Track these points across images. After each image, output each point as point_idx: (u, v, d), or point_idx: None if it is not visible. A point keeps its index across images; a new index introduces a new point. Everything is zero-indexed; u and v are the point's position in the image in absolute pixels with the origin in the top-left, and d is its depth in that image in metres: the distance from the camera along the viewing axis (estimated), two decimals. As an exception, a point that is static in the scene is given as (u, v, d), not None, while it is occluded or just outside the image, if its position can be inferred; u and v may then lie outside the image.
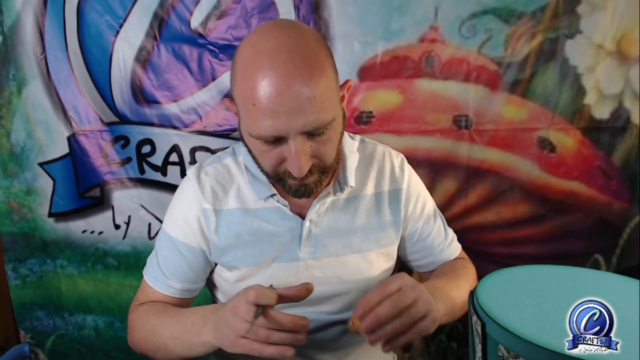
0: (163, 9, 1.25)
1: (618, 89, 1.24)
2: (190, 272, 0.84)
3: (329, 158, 0.73)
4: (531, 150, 1.29)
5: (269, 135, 0.67)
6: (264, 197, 0.80)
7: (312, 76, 0.65)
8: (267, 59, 0.65)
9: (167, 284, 0.83)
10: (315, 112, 0.66)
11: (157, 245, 0.86)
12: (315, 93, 0.65)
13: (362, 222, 0.84)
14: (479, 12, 1.21)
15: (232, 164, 0.85)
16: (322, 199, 0.81)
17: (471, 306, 0.61)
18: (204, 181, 0.82)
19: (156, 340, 0.77)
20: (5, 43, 1.29)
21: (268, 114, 0.65)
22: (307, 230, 0.81)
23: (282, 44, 0.66)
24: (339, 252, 0.83)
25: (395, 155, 0.91)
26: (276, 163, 0.71)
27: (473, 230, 1.34)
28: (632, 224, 1.32)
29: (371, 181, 0.86)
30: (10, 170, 1.38)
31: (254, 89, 0.65)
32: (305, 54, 0.66)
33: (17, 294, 1.46)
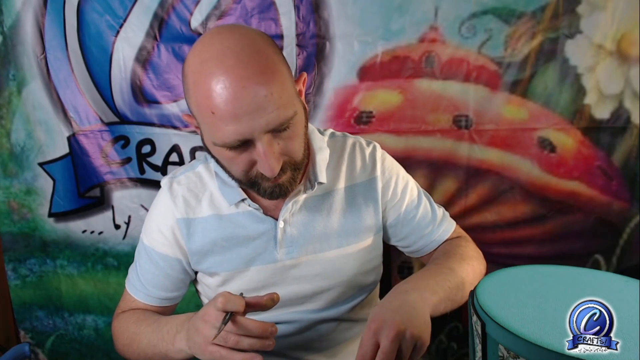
0: (163, 9, 1.25)
1: (618, 89, 1.24)
2: (167, 282, 0.85)
3: (298, 153, 0.73)
4: (531, 150, 1.29)
5: (234, 141, 0.66)
6: (234, 202, 0.80)
7: (264, 74, 0.64)
8: (216, 65, 0.64)
9: (145, 293, 0.85)
10: (276, 109, 0.65)
11: (136, 256, 0.88)
12: (271, 90, 0.64)
13: (338, 218, 0.84)
14: (479, 12, 1.21)
15: (204, 171, 0.84)
16: (294, 198, 0.80)
17: (471, 306, 0.61)
18: (177, 191, 0.83)
19: (136, 347, 0.79)
20: (5, 43, 1.29)
21: (229, 119, 0.64)
22: (281, 231, 0.81)
23: (227, 47, 0.65)
24: (317, 250, 0.83)
25: (365, 144, 0.89)
26: (246, 168, 0.70)
27: (473, 230, 1.33)
28: (632, 224, 1.32)
29: (343, 175, 0.85)
30: (10, 170, 1.38)
31: (209, 97, 0.64)
32: (254, 54, 0.65)
33: (17, 294, 1.46)
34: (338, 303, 0.86)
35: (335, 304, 0.86)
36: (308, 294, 0.84)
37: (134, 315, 0.84)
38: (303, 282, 0.83)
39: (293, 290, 0.83)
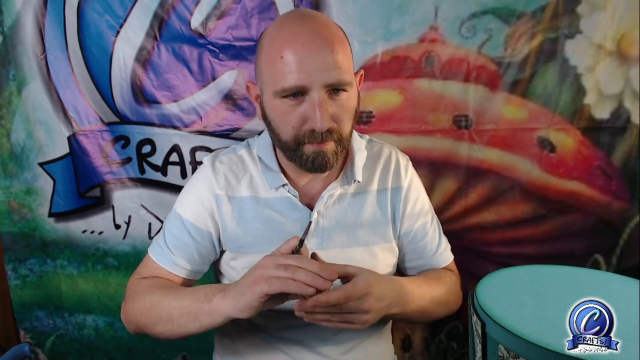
0: (163, 9, 1.25)
1: (618, 89, 1.24)
2: (195, 254, 0.86)
3: (346, 127, 0.77)
4: (531, 150, 1.29)
5: (294, 86, 0.72)
6: (275, 187, 0.83)
7: (334, 39, 0.73)
8: (295, 22, 0.74)
9: (173, 260, 0.85)
10: (338, 68, 0.72)
11: (166, 225, 0.89)
12: (338, 51, 0.73)
13: (368, 217, 0.87)
14: (479, 12, 1.21)
15: (246, 155, 0.89)
16: (330, 191, 0.84)
17: (471, 306, 0.61)
18: (219, 169, 0.87)
19: (160, 310, 0.78)
20: (5, 43, 1.29)
21: (294, 65, 0.71)
22: (314, 222, 0.84)
23: (308, 14, 0.77)
24: (345, 244, 0.85)
25: (401, 155, 0.95)
26: (298, 124, 0.75)
27: (473, 230, 1.34)
28: (632, 224, 1.32)
29: (377, 177, 0.89)
30: (10, 170, 1.37)
31: (282, 42, 0.73)
32: (329, 24, 0.75)
33: (17, 294, 1.46)
34: None
35: None
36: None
37: (160, 281, 0.84)
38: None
39: None
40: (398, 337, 1.43)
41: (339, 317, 0.70)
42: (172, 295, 0.78)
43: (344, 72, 0.73)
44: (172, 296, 0.78)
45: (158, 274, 0.87)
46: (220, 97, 1.30)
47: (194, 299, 0.75)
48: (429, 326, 1.42)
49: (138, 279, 0.87)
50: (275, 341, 0.88)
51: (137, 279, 0.88)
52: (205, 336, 1.50)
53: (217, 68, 1.28)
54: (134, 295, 0.84)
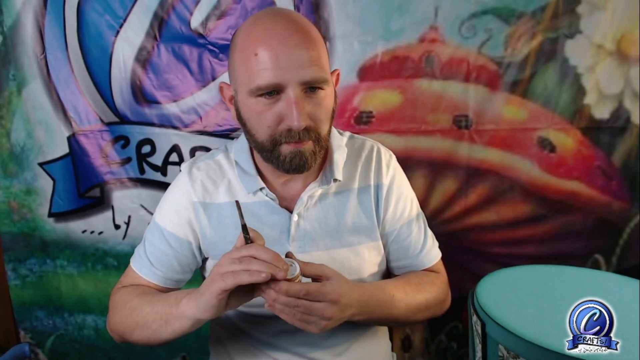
0: (163, 9, 1.25)
1: (618, 89, 1.24)
2: (175, 262, 0.85)
3: (324, 125, 0.76)
4: (531, 150, 1.29)
5: (269, 84, 0.70)
6: (252, 191, 0.82)
7: (309, 37, 0.72)
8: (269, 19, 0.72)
9: (152, 270, 0.85)
10: (314, 66, 0.71)
11: (146, 235, 0.88)
12: (313, 48, 0.71)
13: (352, 216, 0.85)
14: (479, 12, 1.21)
15: (224, 160, 0.87)
16: (309, 192, 0.82)
17: (471, 306, 0.61)
18: (196, 176, 0.85)
19: (136, 316, 0.78)
20: (5, 43, 1.29)
21: (269, 62, 0.69)
22: (295, 224, 0.82)
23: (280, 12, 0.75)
24: (329, 246, 0.84)
25: (384, 151, 0.91)
26: (274, 123, 0.73)
27: (473, 230, 1.34)
28: (632, 224, 1.32)
29: (358, 174, 0.87)
30: (10, 170, 1.37)
31: (256, 40, 0.71)
32: (303, 23, 0.74)
33: (17, 294, 1.46)
34: None
35: None
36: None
37: (139, 288, 0.84)
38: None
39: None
40: (398, 337, 1.43)
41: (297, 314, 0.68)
42: (148, 301, 0.78)
43: (320, 70, 0.72)
44: (148, 302, 0.78)
45: (138, 282, 0.86)
46: (220, 97, 1.30)
47: (165, 303, 0.74)
48: (429, 326, 1.42)
49: (118, 288, 0.88)
50: (265, 348, 0.87)
51: (117, 289, 0.88)
52: (205, 336, 1.50)
53: (217, 68, 1.28)
54: (115, 304, 0.84)
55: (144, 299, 0.79)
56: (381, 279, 0.92)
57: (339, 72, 0.84)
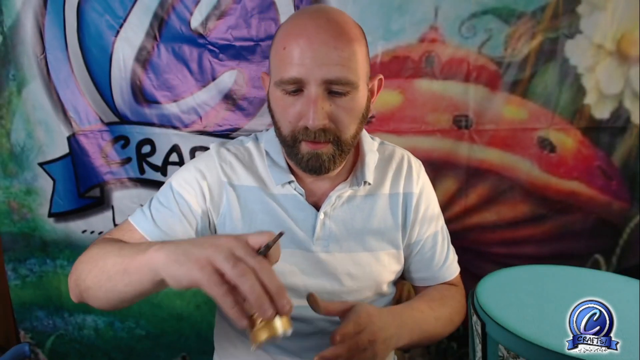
0: (163, 9, 1.25)
1: (618, 89, 1.24)
2: (177, 226, 0.78)
3: (347, 129, 0.73)
4: (531, 150, 1.29)
5: (291, 78, 0.69)
6: (281, 183, 0.80)
7: (342, 37, 0.70)
8: (307, 16, 0.72)
9: (152, 225, 0.77)
10: (340, 65, 0.69)
11: (155, 195, 0.84)
12: (343, 48, 0.69)
13: (378, 221, 0.84)
14: (479, 12, 1.21)
15: (253, 148, 0.86)
16: (338, 192, 0.81)
17: (471, 306, 0.61)
18: (225, 156, 0.83)
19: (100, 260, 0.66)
20: (5, 43, 1.29)
21: (295, 56, 0.69)
22: (321, 223, 0.80)
23: (322, 9, 0.75)
24: (352, 249, 0.82)
25: (414, 159, 0.91)
26: (294, 120, 0.72)
27: (473, 230, 1.34)
28: (632, 224, 1.32)
29: (388, 181, 0.86)
30: (10, 170, 1.37)
31: (287, 33, 0.71)
32: (342, 22, 0.72)
33: (17, 294, 1.46)
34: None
35: None
36: (336, 291, 0.83)
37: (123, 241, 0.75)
38: (332, 279, 0.82)
39: (321, 284, 0.82)
40: (398, 337, 1.43)
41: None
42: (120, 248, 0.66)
43: (346, 70, 0.69)
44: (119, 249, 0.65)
45: (129, 237, 0.78)
46: (220, 97, 1.30)
47: (132, 250, 0.61)
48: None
49: (103, 237, 0.79)
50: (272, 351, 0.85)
51: (102, 237, 0.79)
52: (205, 336, 1.50)
53: (217, 68, 1.28)
54: (89, 249, 0.74)
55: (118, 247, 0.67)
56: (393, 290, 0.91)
57: (381, 78, 0.81)
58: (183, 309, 1.40)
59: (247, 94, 1.29)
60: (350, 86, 0.71)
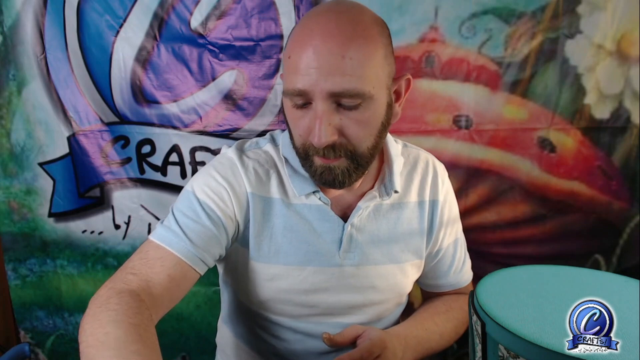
0: (163, 9, 1.25)
1: (618, 89, 1.24)
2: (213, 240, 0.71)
3: (361, 143, 0.67)
4: (531, 150, 1.29)
5: (296, 90, 0.64)
6: (305, 193, 0.74)
7: (353, 40, 0.62)
8: (315, 20, 0.65)
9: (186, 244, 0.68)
10: (349, 75, 0.62)
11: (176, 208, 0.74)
12: (353, 55, 0.62)
13: (404, 231, 0.80)
14: (479, 12, 1.21)
15: (273, 151, 0.79)
16: (367, 202, 0.76)
17: (471, 306, 0.61)
18: (248, 164, 0.76)
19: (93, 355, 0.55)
20: (5, 43, 1.29)
21: (300, 67, 0.63)
22: (348, 235, 0.76)
23: (335, 8, 0.66)
24: (378, 261, 0.78)
25: (438, 164, 0.86)
26: (304, 134, 0.67)
27: (473, 230, 1.34)
28: (632, 224, 1.32)
29: (414, 188, 0.81)
30: (10, 170, 1.37)
31: (294, 42, 0.65)
32: (355, 21, 0.64)
33: (17, 294, 1.46)
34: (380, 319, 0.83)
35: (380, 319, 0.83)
36: (358, 305, 0.80)
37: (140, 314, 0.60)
38: (355, 292, 0.79)
39: (344, 298, 0.79)
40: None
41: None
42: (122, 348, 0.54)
43: (356, 80, 0.62)
44: (117, 350, 0.54)
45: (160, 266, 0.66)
46: (220, 97, 1.30)
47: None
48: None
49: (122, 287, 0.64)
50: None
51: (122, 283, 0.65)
52: (205, 336, 1.50)
53: (217, 68, 1.28)
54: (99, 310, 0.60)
55: (120, 347, 0.54)
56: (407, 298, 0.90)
57: (409, 78, 0.74)
58: (183, 309, 1.40)
59: (247, 94, 1.29)
60: (362, 97, 0.64)
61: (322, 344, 0.75)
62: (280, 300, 0.78)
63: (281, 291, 0.77)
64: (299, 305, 0.78)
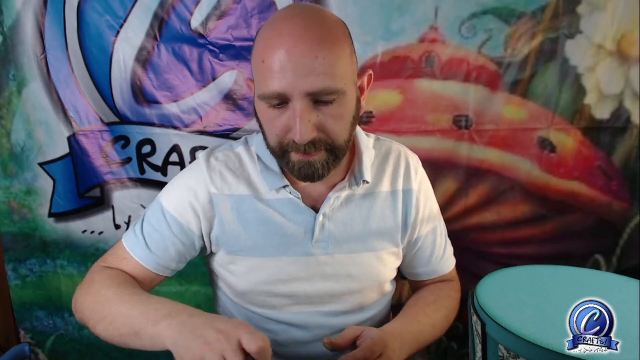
0: (163, 9, 1.25)
1: (618, 89, 1.24)
2: (171, 248, 0.80)
3: (338, 136, 0.71)
4: (531, 150, 1.29)
5: (274, 93, 0.66)
6: (275, 188, 0.78)
7: (323, 43, 0.66)
8: (283, 22, 0.68)
9: (146, 252, 0.79)
10: (323, 74, 0.65)
11: (146, 214, 0.83)
12: (323, 55, 0.65)
13: (378, 220, 0.82)
14: (479, 12, 1.21)
15: (244, 153, 0.83)
16: (337, 192, 0.79)
17: (471, 306, 0.61)
18: (214, 165, 0.81)
19: (108, 309, 0.71)
20: (5, 43, 1.29)
21: (275, 70, 0.66)
22: (320, 225, 0.79)
23: (300, 13, 0.69)
24: (353, 250, 0.81)
25: (411, 155, 0.89)
26: (281, 133, 0.70)
27: (473, 230, 1.34)
28: (632, 224, 1.32)
29: (387, 178, 0.84)
30: (10, 170, 1.37)
31: (265, 45, 0.68)
32: (321, 25, 0.67)
33: (17, 294, 1.46)
34: (362, 308, 0.85)
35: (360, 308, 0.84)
36: (336, 293, 0.82)
37: (122, 276, 0.77)
38: (332, 281, 0.81)
39: (321, 287, 0.81)
40: (398, 337, 1.43)
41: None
42: (125, 298, 0.70)
43: (330, 79, 0.66)
44: (125, 300, 0.70)
45: (125, 265, 0.80)
46: (220, 97, 1.30)
47: (143, 313, 0.67)
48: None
49: (101, 266, 0.81)
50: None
51: (100, 266, 0.81)
52: (205, 336, 1.48)
53: (217, 68, 1.28)
54: (91, 282, 0.78)
55: (122, 293, 0.71)
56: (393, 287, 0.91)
57: (371, 74, 0.78)
58: (183, 309, 1.40)
59: (247, 94, 1.29)
60: (336, 94, 0.68)
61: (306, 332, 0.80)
62: (259, 291, 0.82)
63: (259, 282, 0.80)
64: (279, 295, 0.82)
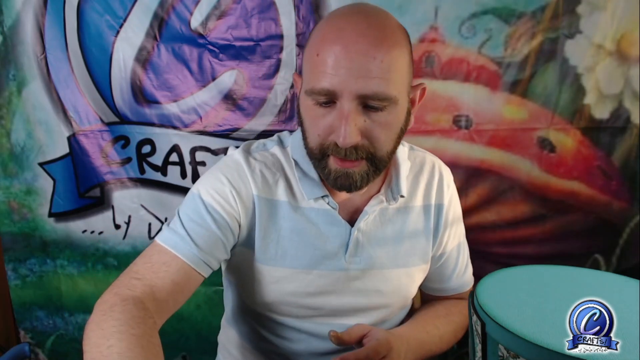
0: (163, 9, 1.25)
1: (618, 89, 1.24)
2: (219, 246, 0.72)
3: (382, 146, 0.67)
4: (531, 150, 1.29)
5: (322, 89, 0.63)
6: (314, 197, 0.74)
7: (383, 43, 0.62)
8: (344, 19, 0.65)
9: (192, 248, 0.69)
10: (378, 78, 0.62)
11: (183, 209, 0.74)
12: (383, 58, 0.62)
13: (410, 235, 0.79)
14: (479, 12, 1.21)
15: (281, 155, 0.78)
16: (374, 206, 0.76)
17: (471, 306, 0.61)
18: (254, 166, 0.76)
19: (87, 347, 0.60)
20: (5, 43, 1.29)
21: (329, 66, 0.62)
22: (354, 239, 0.76)
23: (364, 11, 0.66)
24: (384, 265, 0.78)
25: (444, 167, 0.86)
26: (324, 133, 0.66)
27: (473, 230, 1.34)
28: (632, 224, 1.32)
29: (420, 192, 0.81)
30: (10, 170, 1.38)
31: (322, 39, 0.64)
32: (384, 25, 0.64)
33: (17, 294, 1.46)
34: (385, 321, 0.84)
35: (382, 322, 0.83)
36: (362, 308, 0.80)
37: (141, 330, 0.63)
38: (360, 295, 0.79)
39: (349, 301, 0.79)
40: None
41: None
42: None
43: (384, 84, 0.62)
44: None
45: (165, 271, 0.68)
46: (220, 97, 1.30)
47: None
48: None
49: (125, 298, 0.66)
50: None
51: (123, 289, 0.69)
52: (206, 336, 1.50)
53: (217, 68, 1.28)
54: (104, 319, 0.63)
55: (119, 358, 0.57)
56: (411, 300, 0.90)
57: (425, 87, 0.74)
58: (183, 309, 1.40)
59: (247, 94, 1.29)
60: (389, 101, 0.64)
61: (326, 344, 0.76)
62: (285, 302, 0.78)
63: (286, 294, 0.77)
64: (304, 307, 0.79)
